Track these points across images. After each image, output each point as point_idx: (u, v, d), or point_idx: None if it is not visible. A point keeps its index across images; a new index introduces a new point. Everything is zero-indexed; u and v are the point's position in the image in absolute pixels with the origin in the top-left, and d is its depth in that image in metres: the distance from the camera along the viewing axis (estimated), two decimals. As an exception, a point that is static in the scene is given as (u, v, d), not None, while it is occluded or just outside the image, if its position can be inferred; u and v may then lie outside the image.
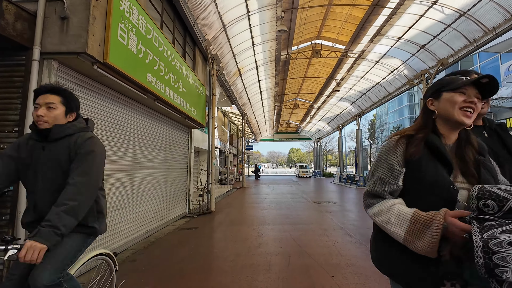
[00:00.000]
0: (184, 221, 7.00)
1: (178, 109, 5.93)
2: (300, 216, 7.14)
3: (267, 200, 10.64)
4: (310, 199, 10.89)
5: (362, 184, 16.92)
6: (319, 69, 14.50)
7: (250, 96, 15.81)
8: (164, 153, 6.42)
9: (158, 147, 6.08)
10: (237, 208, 8.81)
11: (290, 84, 16.83)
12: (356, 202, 9.95)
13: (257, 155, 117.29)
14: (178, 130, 7.35)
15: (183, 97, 6.22)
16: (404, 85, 11.83)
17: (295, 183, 20.48)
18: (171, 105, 5.53)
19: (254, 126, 25.07)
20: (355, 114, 18.38)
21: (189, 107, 6.63)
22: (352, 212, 7.79)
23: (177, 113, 6.16)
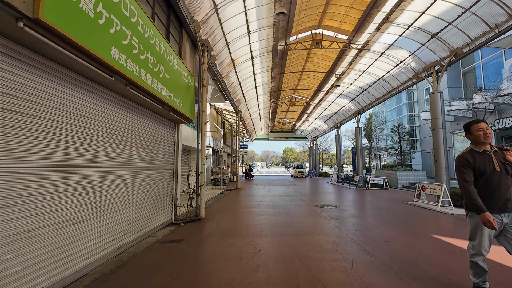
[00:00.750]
0: (168, 230, 6.02)
1: (159, 98, 4.93)
2: (303, 224, 6.22)
3: (263, 203, 9.70)
4: (310, 202, 10.00)
5: (362, 185, 16.15)
6: (318, 63, 13.63)
7: (244, 92, 14.84)
8: (144, 152, 5.42)
9: (136, 144, 5.08)
10: (230, 213, 7.85)
11: (287, 79, 15.93)
12: (361, 206, 9.10)
13: (252, 155, 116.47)
14: (161, 125, 6.34)
15: (166, 85, 5.23)
16: (411, 79, 11.03)
17: (292, 184, 19.61)
18: (149, 93, 4.53)
19: (249, 124, 24.11)
20: (354, 112, 17.59)
21: (173, 98, 5.64)
22: (360, 218, 6.92)
23: (158, 104, 5.15)
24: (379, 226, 5.98)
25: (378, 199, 10.94)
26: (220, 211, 8.27)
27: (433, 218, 6.96)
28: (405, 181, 16.56)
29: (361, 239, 4.86)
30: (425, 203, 9.35)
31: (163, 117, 6.35)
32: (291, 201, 10.10)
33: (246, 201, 10.55)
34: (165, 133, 6.58)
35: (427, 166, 21.52)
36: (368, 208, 8.68)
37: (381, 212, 7.88)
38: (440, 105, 9.03)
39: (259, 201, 10.38)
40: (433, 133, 9.15)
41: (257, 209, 8.47)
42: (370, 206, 9.12)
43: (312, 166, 34.02)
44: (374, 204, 9.46)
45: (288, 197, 11.54)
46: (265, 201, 10.16)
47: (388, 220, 6.62)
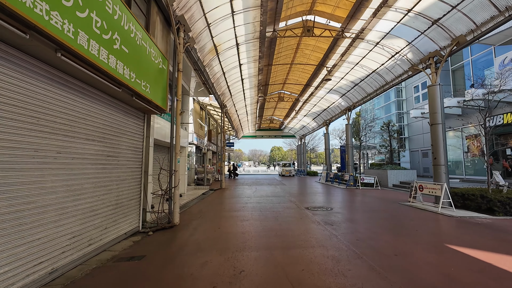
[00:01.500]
0: (132, 241, 4.93)
1: (113, 76, 3.84)
2: (293, 231, 5.30)
3: (248, 205, 8.74)
4: (299, 203, 9.13)
5: (353, 184, 15.52)
6: (308, 55, 12.79)
7: (230, 84, 13.79)
8: (97, 145, 4.31)
9: (83, 136, 3.97)
10: (210, 218, 6.82)
11: (276, 73, 15.01)
12: (356, 207, 8.32)
13: (239, 153, 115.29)
14: (124, 113, 5.23)
15: (125, 61, 4.13)
16: (406, 72, 10.38)
17: (280, 183, 18.76)
18: (95, 66, 3.44)
19: (235, 121, 23.05)
20: (344, 108, 16.93)
21: (136, 79, 4.54)
22: (358, 223, 6.08)
23: (113, 84, 4.05)
24: (382, 233, 5.15)
25: (371, 199, 10.24)
26: (199, 215, 7.22)
27: (437, 222, 6.24)
28: (395, 180, 16.10)
29: (365, 252, 3.99)
30: (422, 203, 8.71)
31: (126, 104, 5.23)
32: (279, 203, 9.19)
33: (230, 202, 9.55)
34: (129, 124, 5.47)
35: (415, 164, 21.30)
36: (363, 210, 7.91)
37: (379, 215, 7.10)
38: (440, 98, 8.38)
39: (244, 202, 9.40)
40: (432, 128, 8.49)
41: (241, 212, 7.49)
42: (365, 207, 8.36)
43: (300, 165, 33.41)
44: (369, 206, 8.72)
45: (276, 198, 10.63)
46: (251, 203, 9.19)
47: (389, 226, 5.82)
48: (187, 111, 14.82)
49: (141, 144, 6.05)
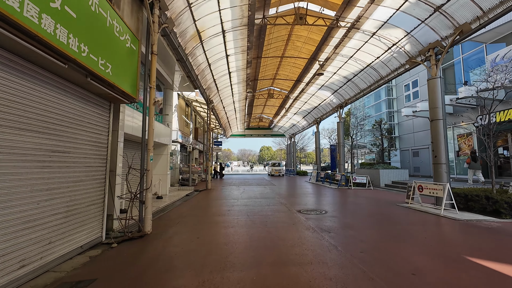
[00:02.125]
0: (88, 257, 4.00)
1: (50, 44, 2.90)
2: (286, 241, 4.50)
3: (235, 208, 7.89)
4: (290, 205, 8.36)
5: (344, 184, 14.96)
6: (300, 47, 12.06)
7: (216, 78, 12.88)
8: (38, 138, 3.36)
9: (15, 125, 3.01)
10: (190, 224, 5.93)
11: (265, 67, 14.22)
12: (352, 210, 7.63)
13: (228, 153, 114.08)
14: (81, 101, 4.27)
15: (71, 28, 3.20)
16: (403, 66, 9.82)
17: (269, 183, 18.00)
18: (17, 25, 2.50)
19: (223, 119, 22.11)
20: (336, 105, 16.35)
21: (90, 54, 3.60)
22: (358, 229, 5.36)
23: (54, 57, 3.10)
24: (387, 242, 4.44)
25: (366, 200, 9.62)
26: (177, 220, 6.31)
27: (444, 227, 5.61)
28: (387, 179, 15.66)
29: (375, 270, 3.23)
30: (421, 205, 8.14)
31: (83, 89, 4.27)
32: (268, 205, 8.39)
33: (215, 205, 8.67)
34: (88, 114, 4.50)
35: (405, 164, 21.07)
36: (360, 213, 7.22)
37: (378, 219, 6.42)
38: (440, 92, 7.81)
39: (231, 205, 8.55)
40: (432, 124, 7.93)
41: (226, 217, 6.63)
42: (361, 210, 7.69)
43: (289, 164, 32.83)
44: (365, 208, 8.06)
45: (265, 199, 9.83)
46: (238, 206, 8.35)
47: (393, 232, 5.12)
48: (171, 107, 13.82)
49: (105, 139, 5.08)
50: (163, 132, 11.42)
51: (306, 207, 8.04)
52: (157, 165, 11.89)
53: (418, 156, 20.11)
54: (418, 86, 20.03)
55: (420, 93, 19.80)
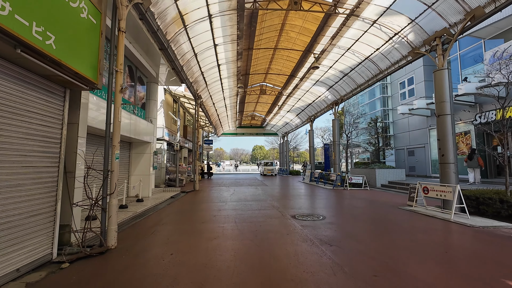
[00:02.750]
0: (24, 284, 3.07)
1: None
2: (279, 260, 3.66)
3: (222, 213, 7.02)
4: (284, 209, 7.55)
5: (340, 185, 14.26)
6: (294, 38, 11.25)
7: (204, 71, 11.94)
8: None
9: None
10: (167, 235, 5.03)
11: (257, 60, 13.36)
12: (351, 215, 6.85)
13: (220, 152, 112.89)
14: (17, 82, 3.31)
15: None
16: (405, 57, 9.12)
17: (261, 184, 17.17)
18: None
19: (213, 116, 21.14)
20: (331, 102, 15.64)
21: (14, 14, 2.66)
22: (363, 241, 4.56)
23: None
24: (404, 260, 3.65)
25: (365, 203, 8.89)
26: (153, 229, 5.39)
27: (461, 236, 4.88)
28: (383, 179, 15.06)
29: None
30: (426, 208, 7.45)
31: (21, 68, 3.31)
32: (259, 210, 7.54)
33: (200, 209, 7.76)
34: (30, 101, 3.54)
35: (400, 163, 20.60)
36: (362, 219, 6.46)
37: (384, 226, 5.66)
38: (448, 84, 7.12)
39: (218, 209, 7.66)
40: (439, 120, 7.23)
41: (211, 224, 5.75)
42: (362, 215, 6.94)
43: (282, 163, 32.12)
44: (365, 212, 7.32)
45: (256, 202, 8.98)
46: (226, 210, 7.47)
47: (405, 244, 4.35)
48: (155, 102, 12.82)
49: (58, 133, 4.12)
50: (145, 128, 10.43)
51: (301, 211, 7.23)
52: (138, 165, 10.89)
53: (413, 155, 19.64)
54: (414, 84, 19.54)
55: (416, 90, 19.32)
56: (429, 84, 18.35)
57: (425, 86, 18.36)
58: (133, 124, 9.19)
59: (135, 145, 10.98)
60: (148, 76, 11.65)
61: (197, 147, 14.07)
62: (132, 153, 10.95)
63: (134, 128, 9.31)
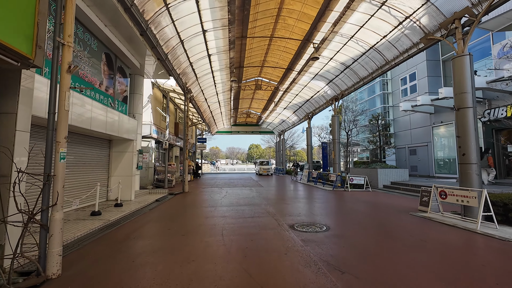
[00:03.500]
0: None
1: None
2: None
3: (209, 222, 6.00)
4: (280, 217, 6.56)
5: (340, 186, 13.34)
6: (292, 26, 10.23)
7: (193, 61, 10.87)
8: None
9: None
10: (133, 255, 3.98)
11: (251, 51, 12.31)
12: (360, 224, 5.88)
13: (216, 151, 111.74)
14: None
15: None
16: (416, 45, 8.18)
17: (256, 184, 16.19)
18: None
19: (206, 112, 20.05)
20: (331, 98, 14.68)
21: None
22: (384, 265, 3.59)
23: None
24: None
25: (370, 207, 7.96)
26: (117, 247, 4.34)
27: (502, 255, 3.94)
28: (386, 180, 14.19)
29: None
30: (443, 215, 6.53)
31: None
32: (252, 217, 6.54)
33: (185, 217, 6.73)
34: None
35: (401, 162, 19.78)
36: (373, 229, 5.50)
37: (401, 240, 4.70)
38: (470, 73, 6.18)
39: (205, 217, 6.64)
40: (459, 114, 6.29)
41: (192, 238, 4.73)
42: (372, 223, 5.98)
43: (278, 162, 31.18)
44: (375, 219, 6.36)
45: (249, 207, 7.98)
46: (214, 218, 6.45)
47: (438, 268, 3.38)
48: (140, 96, 11.73)
49: (-21, 124, 3.06)
50: (127, 125, 9.35)
51: (301, 219, 6.25)
52: (119, 165, 9.81)
53: (415, 154, 18.83)
54: (416, 80, 18.69)
55: (418, 86, 18.47)
56: (432, 80, 17.51)
57: (428, 82, 17.51)
58: (110, 119, 8.12)
59: (115, 143, 9.89)
60: (131, 67, 10.55)
61: (187, 145, 13.01)
62: (112, 152, 9.86)
63: (112, 123, 8.24)
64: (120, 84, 9.79)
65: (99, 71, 8.21)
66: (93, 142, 8.73)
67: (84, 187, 7.93)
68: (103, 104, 8.18)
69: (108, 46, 8.62)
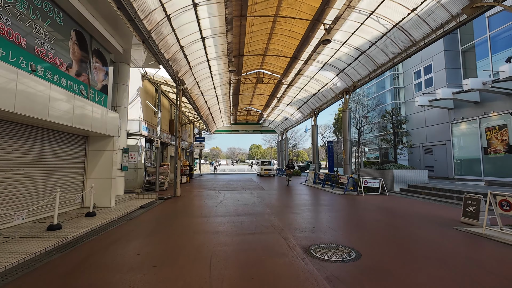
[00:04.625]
0: None
1: None
2: None
3: (195, 243, 4.49)
4: (291, 233, 5.04)
5: (353, 189, 11.80)
6: (299, 3, 8.71)
7: (184, 45, 9.38)
8: None
9: None
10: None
11: (252, 35, 10.80)
12: (400, 246, 4.34)
13: (217, 151, 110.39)
14: None
15: None
16: (455, 17, 6.63)
17: (257, 187, 14.67)
18: None
19: (203, 109, 18.56)
20: (341, 90, 13.15)
21: None
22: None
23: None
24: None
25: (400, 218, 6.42)
26: (55, 284, 2.83)
27: None
28: (403, 182, 12.65)
29: None
30: (502, 231, 4.99)
31: None
32: (253, 233, 5.02)
33: (166, 233, 5.20)
34: None
35: (415, 163, 18.22)
36: (423, 257, 3.97)
37: (473, 276, 3.18)
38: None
39: (192, 232, 5.12)
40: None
41: (165, 273, 3.21)
42: (416, 246, 4.44)
43: (281, 163, 29.65)
44: (414, 236, 4.83)
45: (250, 218, 6.47)
46: (204, 233, 4.94)
47: None
48: (125, 87, 10.27)
49: None
50: (106, 118, 7.90)
51: (317, 237, 4.73)
52: (97, 165, 8.35)
53: (431, 154, 17.26)
54: (432, 72, 17.12)
55: (434, 80, 16.90)
56: (451, 72, 15.94)
57: (446, 74, 15.94)
58: (81, 110, 6.64)
59: (93, 140, 8.42)
60: (112, 52, 9.09)
61: (179, 142, 11.51)
62: (88, 150, 8.39)
63: (84, 116, 6.76)
64: (97, 70, 8.31)
65: (66, 52, 6.73)
66: (63, 139, 7.26)
67: (47, 192, 6.45)
68: (71, 91, 6.69)
69: (79, 22, 7.15)
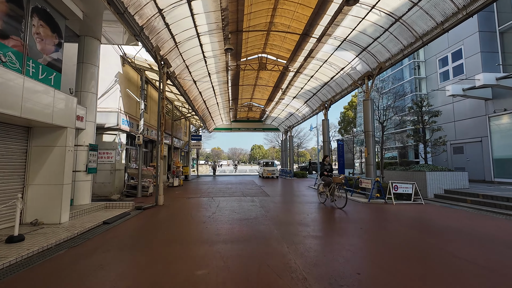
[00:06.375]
0: None
1: None
2: None
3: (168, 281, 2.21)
4: (317, 283, 2.75)
5: (380, 196, 9.48)
6: None
7: (164, 8, 7.11)
8: None
9: None
10: None
11: (252, 4, 8.51)
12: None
13: (218, 152, 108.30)
14: None
15: None
16: None
17: (259, 192, 12.39)
18: None
19: (197, 102, 16.28)
20: (362, 75, 10.83)
21: None
22: None
23: None
24: None
25: (468, 244, 4.10)
26: None
27: None
28: (437, 187, 10.31)
29: None
30: None
31: None
32: (251, 264, 2.74)
33: (118, 279, 2.92)
34: None
35: (441, 163, 15.85)
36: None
37: None
38: None
39: (151, 283, 2.83)
40: None
41: None
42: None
43: (284, 164, 27.34)
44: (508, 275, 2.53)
45: (248, 245, 4.15)
46: (182, 275, 2.66)
47: None
48: (93, 67, 8.09)
49: None
50: (50, 102, 5.68)
51: (340, 275, 2.43)
52: (43, 167, 6.16)
53: (462, 152, 14.88)
54: (462, 58, 14.75)
55: (465, 67, 14.53)
56: (487, 56, 13.56)
57: (481, 59, 13.56)
58: (7, 88, 4.40)
59: (37, 133, 6.20)
60: (69, 17, 6.85)
61: (162, 138, 9.27)
62: (31, 146, 6.16)
63: (13, 96, 4.53)
64: (42, 37, 6.05)
65: None
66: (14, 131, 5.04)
67: None
68: None
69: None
